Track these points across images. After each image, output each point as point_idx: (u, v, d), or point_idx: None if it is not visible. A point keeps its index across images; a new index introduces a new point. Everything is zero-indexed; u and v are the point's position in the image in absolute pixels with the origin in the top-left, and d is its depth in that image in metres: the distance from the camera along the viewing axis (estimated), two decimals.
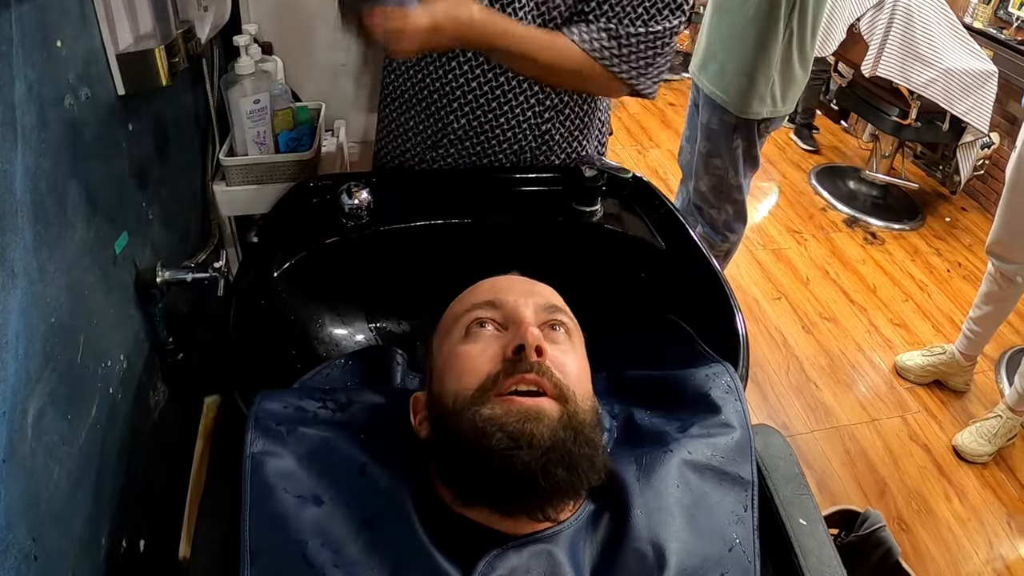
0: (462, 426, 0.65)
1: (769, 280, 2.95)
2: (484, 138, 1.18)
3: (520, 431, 0.62)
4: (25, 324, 0.64)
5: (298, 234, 1.05)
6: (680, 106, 4.51)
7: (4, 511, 0.60)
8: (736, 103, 1.98)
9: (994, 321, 2.27)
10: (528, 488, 0.62)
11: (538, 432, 0.63)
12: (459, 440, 0.65)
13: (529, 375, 0.67)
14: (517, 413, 0.64)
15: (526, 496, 0.63)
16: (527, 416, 0.64)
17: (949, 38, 2.87)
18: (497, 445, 0.62)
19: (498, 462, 0.62)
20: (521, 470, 0.61)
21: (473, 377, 0.68)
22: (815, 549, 0.81)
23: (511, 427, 0.63)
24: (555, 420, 0.64)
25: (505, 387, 0.66)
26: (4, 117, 0.61)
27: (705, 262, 1.05)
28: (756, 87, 1.94)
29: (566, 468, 0.62)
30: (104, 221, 0.84)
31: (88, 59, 0.80)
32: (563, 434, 0.64)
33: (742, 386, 0.84)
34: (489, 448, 0.62)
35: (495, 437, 0.62)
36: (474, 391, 0.67)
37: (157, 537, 0.96)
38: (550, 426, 0.64)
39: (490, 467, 0.62)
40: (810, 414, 2.31)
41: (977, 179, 3.55)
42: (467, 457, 0.64)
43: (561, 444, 0.63)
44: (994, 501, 2.07)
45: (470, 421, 0.64)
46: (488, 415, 0.64)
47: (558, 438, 0.63)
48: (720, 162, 2.12)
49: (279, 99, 1.26)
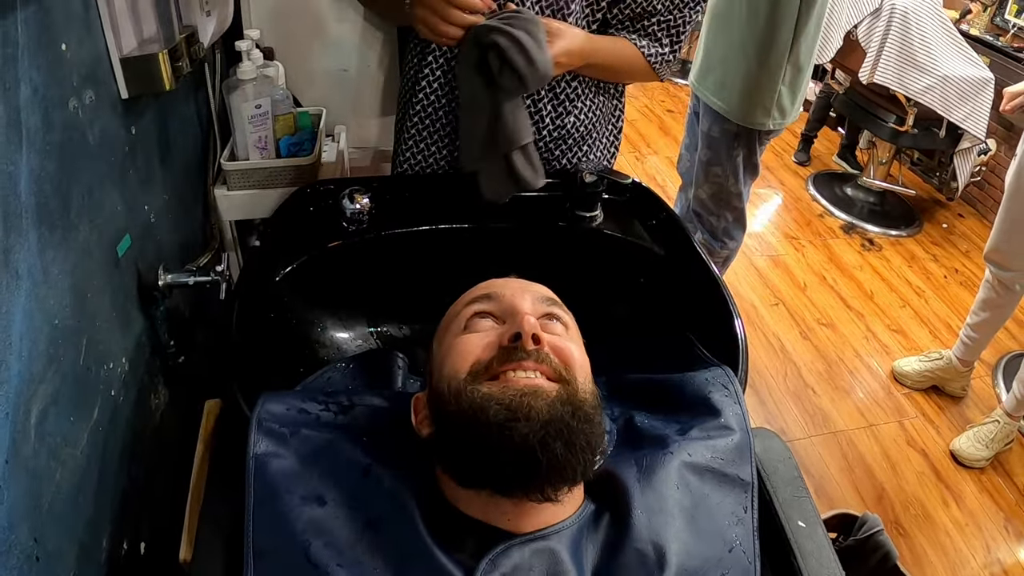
0: (460, 404, 0.65)
1: (767, 286, 2.96)
2: None
3: (518, 404, 0.63)
4: (29, 325, 0.65)
5: (300, 238, 1.06)
6: (678, 113, 4.52)
7: (7, 512, 0.60)
8: (738, 113, 1.99)
9: (991, 327, 2.28)
10: (527, 463, 0.62)
11: (536, 405, 0.63)
12: (458, 419, 0.65)
13: (527, 362, 0.67)
14: (514, 389, 0.65)
15: (525, 473, 0.63)
16: (524, 391, 0.64)
17: (946, 45, 2.89)
18: (495, 418, 0.63)
19: (496, 436, 0.62)
20: (519, 443, 0.61)
21: (468, 360, 0.69)
22: (814, 551, 0.81)
23: (508, 400, 0.63)
24: (553, 396, 0.65)
25: (500, 372, 0.67)
26: (9, 119, 0.62)
27: (704, 267, 1.05)
28: (761, 98, 1.95)
29: (564, 443, 0.63)
30: (107, 224, 0.85)
31: (92, 63, 0.81)
32: (561, 408, 0.64)
33: (741, 390, 0.85)
34: (487, 422, 0.63)
35: (492, 410, 0.63)
36: (468, 373, 0.68)
37: (158, 539, 0.96)
38: (547, 400, 0.64)
39: (488, 442, 0.62)
40: (808, 420, 2.32)
41: (974, 185, 3.56)
42: (466, 435, 0.64)
43: (559, 418, 0.63)
44: (991, 506, 2.07)
45: (468, 398, 0.65)
46: (486, 392, 0.65)
47: (556, 412, 0.64)
48: (720, 170, 2.13)
49: (280, 104, 1.26)
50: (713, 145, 2.10)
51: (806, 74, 1.99)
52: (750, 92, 1.94)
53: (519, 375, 0.67)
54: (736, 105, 1.98)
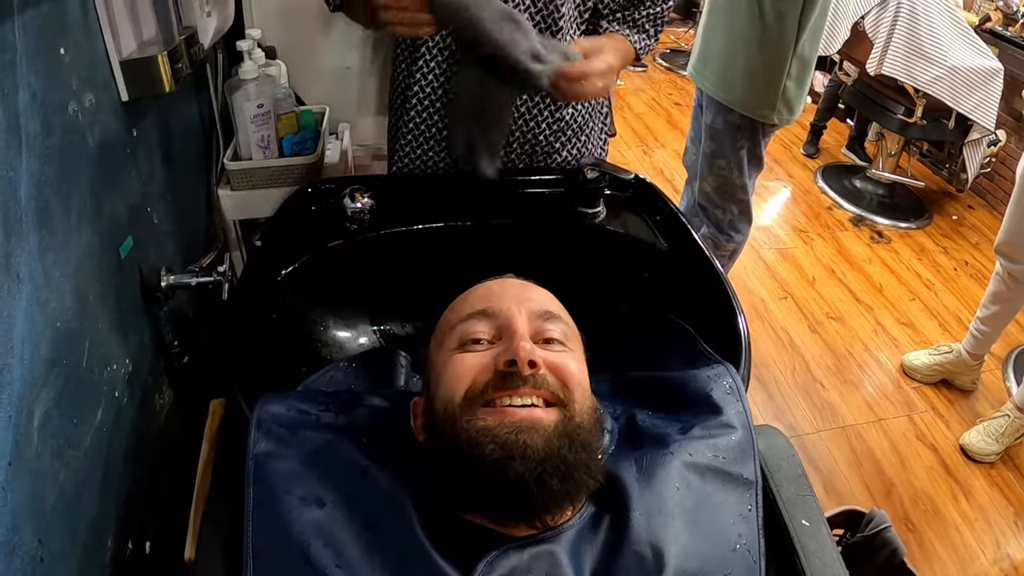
0: (456, 435, 0.65)
1: (775, 279, 2.94)
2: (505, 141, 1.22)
3: (513, 442, 0.62)
4: (31, 328, 0.65)
5: (302, 238, 1.06)
6: (686, 106, 4.50)
7: (11, 513, 0.61)
8: (740, 104, 1.98)
9: (1002, 320, 2.26)
10: (522, 499, 0.62)
11: (532, 443, 0.63)
12: (453, 448, 0.65)
13: (523, 389, 0.67)
14: (510, 424, 0.64)
15: (521, 507, 0.63)
16: (520, 427, 0.64)
17: (954, 35, 2.86)
18: (490, 455, 0.62)
19: (490, 472, 0.62)
20: (514, 480, 0.61)
21: (462, 384, 0.68)
22: (818, 551, 0.81)
23: (503, 438, 0.63)
24: (550, 430, 0.64)
25: (496, 398, 0.66)
26: (8, 124, 0.62)
27: (707, 262, 1.05)
28: (766, 92, 1.93)
29: (561, 478, 0.62)
30: (109, 226, 0.85)
31: (92, 66, 0.81)
32: (558, 443, 0.64)
33: (744, 387, 0.84)
34: (482, 458, 0.62)
35: (488, 448, 0.63)
36: (462, 399, 0.67)
37: (162, 539, 0.97)
38: (544, 436, 0.64)
39: (483, 477, 0.62)
40: (816, 414, 2.31)
41: (984, 177, 3.53)
42: (461, 465, 0.64)
43: (556, 454, 0.63)
44: (1001, 501, 2.06)
45: (463, 431, 0.65)
46: (480, 426, 0.64)
47: (552, 448, 0.63)
48: (724, 162, 2.11)
49: (283, 103, 1.26)
50: (716, 137, 2.08)
51: (812, 67, 1.97)
52: (754, 85, 1.93)
53: (515, 403, 0.66)
54: (739, 97, 1.97)
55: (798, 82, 1.94)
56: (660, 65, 5.16)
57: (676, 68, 5.06)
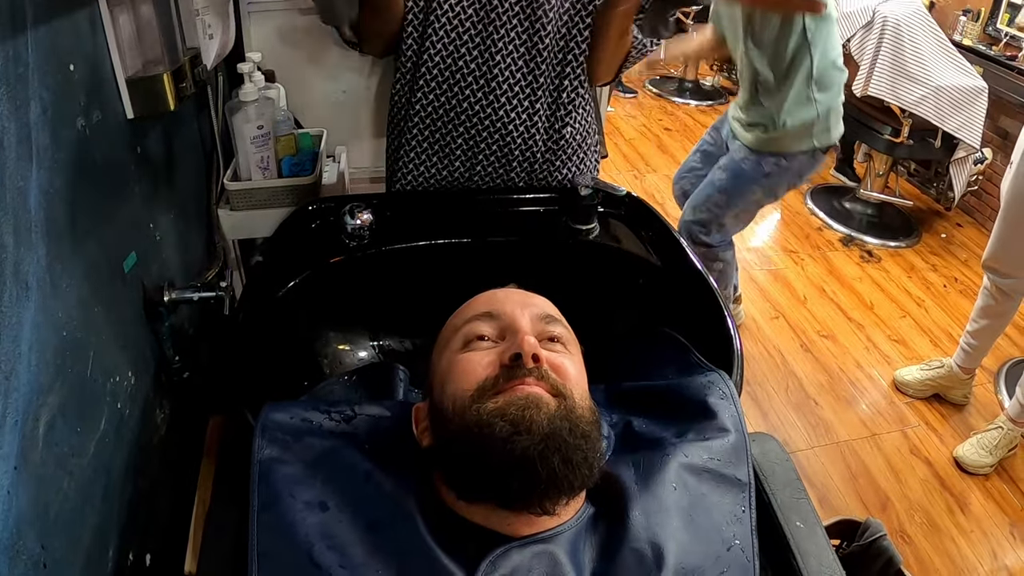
0: (466, 422, 0.67)
1: (767, 300, 2.97)
2: (506, 159, 1.25)
3: (520, 417, 0.65)
4: (37, 336, 0.66)
5: (302, 254, 1.08)
6: (676, 131, 4.57)
7: (15, 517, 0.62)
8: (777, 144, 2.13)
9: (991, 334, 2.29)
10: (527, 476, 0.63)
11: (537, 419, 0.65)
12: (462, 436, 0.67)
13: (528, 379, 0.69)
14: (518, 401, 0.66)
15: (525, 486, 0.64)
16: (527, 403, 0.66)
17: (938, 56, 2.92)
18: (500, 433, 0.64)
19: (499, 449, 0.64)
20: (520, 455, 0.63)
21: (472, 379, 0.70)
22: (814, 552, 0.82)
23: (512, 414, 0.65)
24: (552, 410, 0.67)
25: (504, 389, 0.68)
26: (20, 136, 0.64)
27: (697, 273, 1.07)
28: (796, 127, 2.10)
29: (562, 458, 0.64)
30: (114, 240, 0.86)
31: (99, 83, 0.83)
32: (559, 424, 0.66)
33: (737, 393, 0.86)
34: (492, 436, 0.64)
35: (498, 426, 0.64)
36: (473, 393, 0.69)
37: (163, 552, 0.97)
38: (548, 414, 0.66)
39: (491, 457, 0.64)
40: (811, 431, 2.32)
41: (971, 194, 3.58)
42: (470, 451, 0.66)
43: (557, 433, 0.65)
44: (997, 512, 2.07)
45: (474, 415, 0.67)
46: (492, 408, 0.67)
47: (555, 427, 0.65)
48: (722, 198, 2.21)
49: (282, 125, 1.29)
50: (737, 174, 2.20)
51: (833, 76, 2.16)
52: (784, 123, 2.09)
53: None
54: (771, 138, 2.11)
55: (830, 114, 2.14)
56: (650, 91, 5.24)
57: (666, 94, 5.14)
